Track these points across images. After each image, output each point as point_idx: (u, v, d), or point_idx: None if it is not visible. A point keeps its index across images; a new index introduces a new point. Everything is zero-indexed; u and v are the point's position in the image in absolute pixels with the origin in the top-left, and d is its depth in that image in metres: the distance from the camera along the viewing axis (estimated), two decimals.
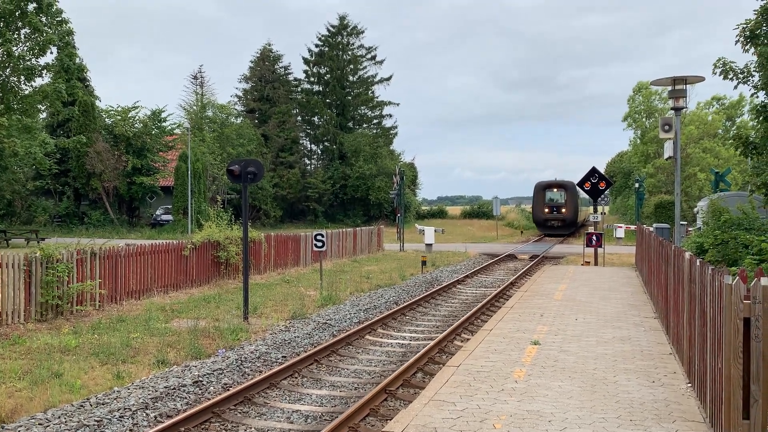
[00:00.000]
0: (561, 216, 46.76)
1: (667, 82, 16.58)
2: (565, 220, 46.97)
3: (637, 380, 7.92)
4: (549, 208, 46.97)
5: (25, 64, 32.22)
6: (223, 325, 12.71)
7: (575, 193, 47.22)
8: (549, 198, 47.21)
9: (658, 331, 10.94)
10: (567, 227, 47.48)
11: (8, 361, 9.92)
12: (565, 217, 46.82)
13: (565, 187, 47.32)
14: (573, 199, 47.36)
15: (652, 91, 54.53)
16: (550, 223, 46.92)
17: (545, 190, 47.65)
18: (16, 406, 7.85)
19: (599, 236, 23.86)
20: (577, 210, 49.52)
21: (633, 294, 15.50)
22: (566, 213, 46.69)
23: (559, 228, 47.00)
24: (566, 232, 47.50)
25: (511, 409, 6.81)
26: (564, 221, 46.98)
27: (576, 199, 48.49)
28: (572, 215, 47.39)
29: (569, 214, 46.92)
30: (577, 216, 49.95)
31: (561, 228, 47.07)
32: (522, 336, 10.47)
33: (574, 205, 47.49)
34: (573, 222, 48.33)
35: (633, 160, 59.25)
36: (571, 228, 48.42)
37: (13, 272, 12.62)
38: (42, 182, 47.17)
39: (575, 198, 48.13)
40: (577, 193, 47.16)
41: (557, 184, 48.02)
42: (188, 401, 8.38)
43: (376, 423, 7.69)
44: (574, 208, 47.50)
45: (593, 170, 24.94)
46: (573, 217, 47.71)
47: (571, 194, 46.85)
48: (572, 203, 47.24)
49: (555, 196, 47.15)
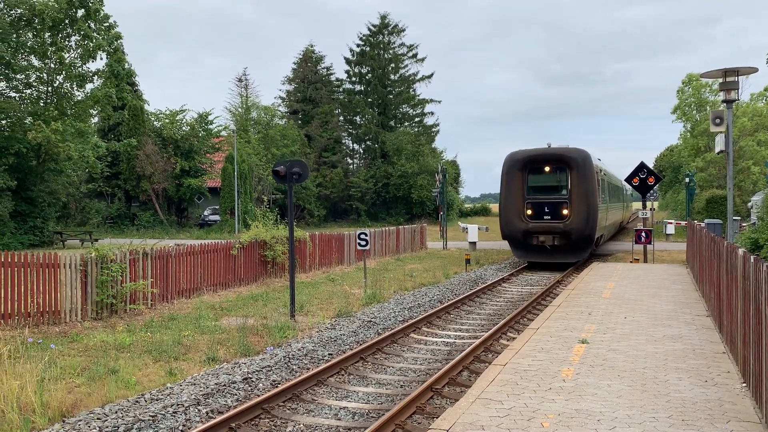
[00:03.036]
0: (559, 225, 22.86)
1: (717, 74, 16.12)
2: (570, 234, 22.75)
3: (689, 379, 7.76)
4: (534, 208, 23.30)
5: (77, 70, 33.33)
6: (271, 322, 12.93)
7: (589, 174, 22.85)
8: (535, 185, 23.53)
9: (711, 330, 10.67)
10: (573, 248, 23.28)
11: (67, 357, 10.31)
12: (567, 225, 22.77)
13: (567, 162, 23.04)
14: (585, 186, 22.74)
15: (703, 83, 52.93)
16: (538, 240, 23.13)
17: (526, 168, 23.57)
18: (75, 401, 8.16)
19: (648, 233, 23.36)
20: (594, 209, 22.88)
21: (684, 292, 15.14)
22: (570, 216, 22.84)
23: (558, 250, 23.24)
24: (572, 260, 23.55)
25: (559, 407, 6.76)
26: (566, 235, 22.79)
27: (590, 186, 22.80)
28: (583, 221, 22.67)
29: (577, 219, 22.70)
30: (595, 222, 22.97)
31: (560, 250, 23.24)
32: (569, 335, 10.35)
33: (586, 201, 22.71)
34: (585, 236, 22.92)
35: (683, 154, 57.67)
36: (582, 249, 23.51)
37: (70, 272, 13.10)
38: (94, 185, 48.65)
39: (589, 185, 22.80)
40: (592, 176, 22.92)
41: (552, 156, 23.36)
42: (238, 398, 8.56)
43: (422, 421, 7.72)
44: (587, 206, 22.69)
45: (641, 165, 24.43)
46: (585, 225, 22.70)
47: (580, 177, 22.77)
48: (583, 196, 22.73)
49: (547, 182, 23.44)
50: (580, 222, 22.48)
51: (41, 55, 31.96)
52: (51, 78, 33.09)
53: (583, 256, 23.70)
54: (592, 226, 22.66)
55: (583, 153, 22.93)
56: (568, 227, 22.58)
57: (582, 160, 22.71)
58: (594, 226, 22.73)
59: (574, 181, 22.66)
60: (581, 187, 22.56)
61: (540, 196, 23.20)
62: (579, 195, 22.59)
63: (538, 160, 23.26)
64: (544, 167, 23.24)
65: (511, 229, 23.41)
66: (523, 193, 23.31)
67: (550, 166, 23.15)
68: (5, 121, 31.27)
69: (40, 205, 34.21)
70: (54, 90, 33.50)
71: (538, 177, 23.29)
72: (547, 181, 23.21)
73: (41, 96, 33.57)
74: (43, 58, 32.13)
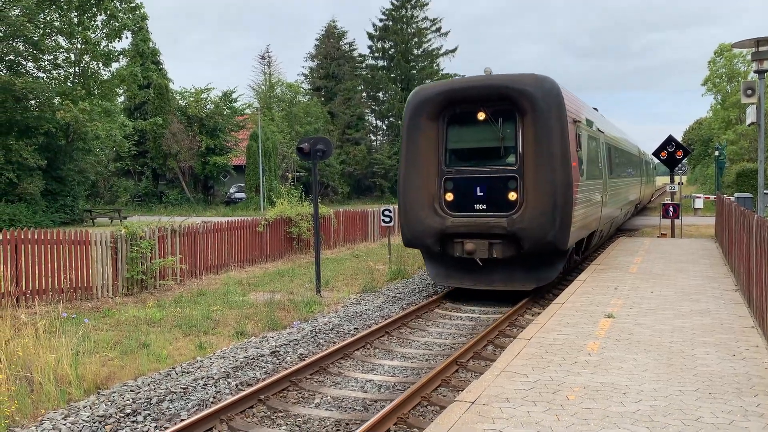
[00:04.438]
0: (500, 222, 12.19)
1: (750, 44, 15.71)
2: (519, 238, 12.07)
3: (717, 353, 7.71)
4: (457, 190, 12.78)
5: (103, 49, 33.64)
6: (297, 298, 13.09)
7: (557, 123, 11.95)
8: (458, 147, 12.96)
9: (740, 304, 10.56)
10: (527, 264, 12.58)
11: (100, 332, 10.58)
12: (515, 222, 12.04)
13: (515, 102, 12.16)
14: (550, 147, 11.94)
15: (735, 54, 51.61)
16: (463, 250, 12.55)
17: (443, 116, 12.94)
18: (109, 373, 8.39)
19: (676, 207, 23.04)
20: (569, 191, 11.92)
21: (712, 266, 14.96)
22: (522, 205, 12.14)
23: (498, 268, 12.76)
24: (526, 285, 12.68)
25: (584, 380, 6.78)
26: (513, 240, 12.20)
27: (560, 146, 11.93)
28: (545, 213, 11.89)
29: (534, 211, 11.97)
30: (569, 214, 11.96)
31: (503, 268, 12.74)
32: (595, 309, 10.32)
33: (552, 175, 11.91)
34: (548, 242, 11.99)
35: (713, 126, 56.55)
36: (546, 265, 12.68)
37: (101, 249, 13.38)
38: (122, 163, 49.33)
39: (558, 144, 11.93)
40: (563, 128, 11.97)
41: (488, 90, 12.41)
42: (267, 370, 8.73)
43: (447, 393, 7.81)
44: (553, 184, 11.89)
45: (669, 138, 24.01)
46: (548, 221, 11.88)
47: (540, 129, 11.98)
48: (546, 164, 11.96)
49: (480, 140, 12.75)
50: (539, 215, 11.84)
51: (68, 35, 32.29)
52: (78, 58, 33.45)
53: (549, 276, 12.67)
54: (563, 223, 11.86)
55: (546, 85, 12.06)
56: (517, 226, 11.92)
57: (544, 97, 11.91)
58: (568, 221, 11.91)
59: (530, 136, 12.01)
60: (543, 147, 11.89)
61: (467, 167, 12.63)
62: (538, 164, 11.93)
63: (463, 100, 12.57)
64: (474, 113, 12.55)
65: (416, 229, 12.72)
66: (438, 161, 12.77)
67: (486, 110, 12.40)
68: (34, 101, 31.77)
69: (70, 184, 34.82)
70: (81, 70, 33.87)
71: (465, 132, 12.73)
72: (480, 139, 12.59)
73: (69, 76, 33.98)
74: (70, 38, 32.46)
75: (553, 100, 12.13)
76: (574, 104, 13.51)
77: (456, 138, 12.94)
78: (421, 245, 13.22)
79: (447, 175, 12.88)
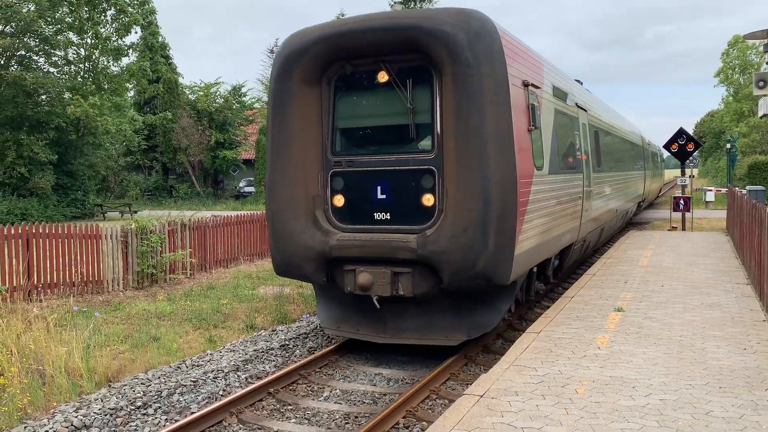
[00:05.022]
0: (407, 244, 7.82)
1: (762, 35, 15.55)
2: (435, 261, 7.73)
3: (727, 347, 7.67)
4: (350, 191, 8.44)
5: (112, 44, 33.77)
6: (307, 291, 13.12)
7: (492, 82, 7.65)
8: (350, 126, 8.62)
9: (751, 298, 10.49)
10: (446, 304, 8.31)
11: (111, 325, 10.66)
12: (430, 240, 7.71)
13: (428, 52, 7.78)
14: (483, 120, 7.56)
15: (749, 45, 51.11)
16: (355, 283, 8.17)
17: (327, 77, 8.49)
18: (120, 367, 8.46)
19: (687, 200, 22.90)
20: (511, 191, 7.70)
21: (723, 260, 14.87)
22: (443, 213, 7.77)
23: (406, 308, 8.39)
24: (449, 338, 8.32)
25: (593, 374, 6.77)
26: (424, 267, 7.88)
27: (498, 120, 7.64)
28: (474, 226, 7.54)
29: (461, 221, 7.59)
30: (513, 227, 7.77)
31: (413, 310, 8.40)
32: (605, 303, 10.29)
33: (479, 165, 7.56)
34: (481, 273, 7.65)
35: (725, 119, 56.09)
36: (480, 303, 8.37)
37: (111, 243, 13.46)
38: (132, 158, 49.54)
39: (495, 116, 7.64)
40: (502, 92, 7.72)
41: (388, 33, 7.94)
42: (276, 363, 8.76)
43: (456, 387, 7.81)
44: (485, 180, 7.53)
45: (680, 131, 23.82)
46: (480, 238, 7.55)
47: (466, 91, 7.57)
48: (477, 149, 7.56)
49: (381, 112, 8.42)
50: (462, 232, 7.70)
51: (78, 31, 32.45)
52: (88, 53, 33.62)
53: (487, 323, 8.51)
54: (501, 242, 7.80)
55: (474, 24, 7.86)
56: (431, 247, 7.82)
57: (471, 43, 7.74)
58: (509, 239, 7.87)
59: (451, 107, 7.80)
60: (469, 123, 7.71)
61: (363, 155, 8.55)
62: (462, 150, 7.75)
63: (355, 52, 8.35)
64: (373, 72, 8.37)
65: (287, 250, 8.65)
66: (322, 147, 8.67)
67: (389, 66, 8.25)
68: (45, 96, 31.97)
69: (81, 178, 35.04)
70: (91, 65, 34.05)
71: (360, 102, 8.71)
72: (382, 114, 8.58)
73: (79, 71, 34.16)
74: (80, 33, 32.62)
75: (485, 47, 7.70)
76: (526, 59, 9.07)
77: (348, 112, 8.54)
78: (297, 274, 8.64)
79: (335, 168, 8.46)
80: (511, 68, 8.11)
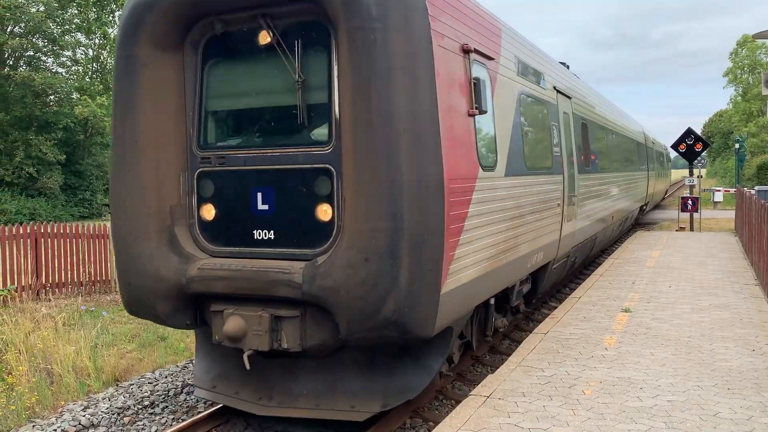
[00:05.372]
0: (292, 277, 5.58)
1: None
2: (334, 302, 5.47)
3: (736, 348, 7.63)
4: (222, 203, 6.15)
5: None
6: None
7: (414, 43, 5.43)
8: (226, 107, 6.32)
9: (759, 299, 10.43)
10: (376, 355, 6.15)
11: (119, 325, 10.70)
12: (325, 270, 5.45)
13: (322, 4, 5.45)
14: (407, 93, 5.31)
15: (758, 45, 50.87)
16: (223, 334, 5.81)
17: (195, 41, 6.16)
18: (128, 366, 8.49)
19: (695, 200, 22.79)
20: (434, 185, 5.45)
21: (731, 260, 14.79)
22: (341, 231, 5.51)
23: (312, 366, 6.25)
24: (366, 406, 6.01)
25: (601, 375, 6.74)
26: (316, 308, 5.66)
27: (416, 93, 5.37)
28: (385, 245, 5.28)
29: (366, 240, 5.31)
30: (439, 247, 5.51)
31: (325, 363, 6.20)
32: (612, 304, 10.25)
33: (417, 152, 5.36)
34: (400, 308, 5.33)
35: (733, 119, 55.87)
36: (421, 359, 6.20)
37: None
38: None
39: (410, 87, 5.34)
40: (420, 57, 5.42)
41: None
42: None
43: (463, 387, 7.80)
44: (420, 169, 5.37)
45: (689, 131, 23.73)
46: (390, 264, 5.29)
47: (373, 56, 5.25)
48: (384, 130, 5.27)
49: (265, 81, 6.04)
50: (363, 260, 5.38)
51: (86, 31, 32.63)
52: (96, 53, 33.80)
53: (415, 385, 6.17)
54: (420, 274, 5.44)
55: None
56: (320, 281, 5.51)
57: None
58: (434, 270, 5.55)
59: (350, 79, 5.42)
60: (373, 101, 5.33)
61: (239, 149, 6.18)
62: (365, 140, 5.38)
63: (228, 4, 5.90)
64: (251, 32, 5.99)
65: (134, 282, 6.23)
66: (186, 136, 6.32)
67: (271, 22, 5.82)
68: (53, 96, 32.16)
69: (89, 178, 35.22)
70: (99, 65, 34.23)
71: (235, 74, 6.25)
72: (263, 89, 6.13)
73: (87, 71, 34.35)
74: (88, 34, 32.81)
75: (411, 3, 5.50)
76: (469, 17, 6.73)
77: (219, 89, 6.32)
78: (148, 314, 6.38)
79: (203, 166, 6.27)
80: (438, 23, 5.74)
